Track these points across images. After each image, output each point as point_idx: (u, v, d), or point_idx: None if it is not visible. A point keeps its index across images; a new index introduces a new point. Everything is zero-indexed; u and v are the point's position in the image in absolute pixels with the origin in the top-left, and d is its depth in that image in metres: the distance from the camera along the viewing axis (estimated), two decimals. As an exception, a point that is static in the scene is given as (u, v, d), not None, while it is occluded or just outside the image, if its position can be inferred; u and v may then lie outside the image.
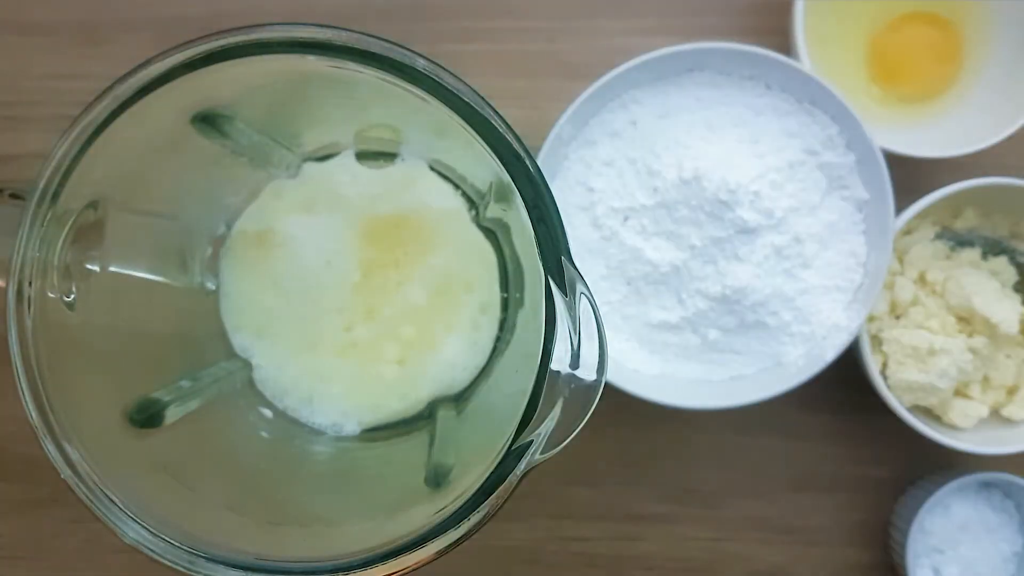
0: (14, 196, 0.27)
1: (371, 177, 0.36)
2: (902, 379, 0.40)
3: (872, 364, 0.40)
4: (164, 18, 0.45)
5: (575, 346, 0.23)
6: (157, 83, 0.25)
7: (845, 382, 0.43)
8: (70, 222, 0.26)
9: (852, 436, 0.44)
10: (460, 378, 0.37)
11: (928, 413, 0.42)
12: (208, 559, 0.25)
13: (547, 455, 0.24)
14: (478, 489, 0.24)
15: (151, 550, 0.25)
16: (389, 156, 0.37)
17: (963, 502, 0.42)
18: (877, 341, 0.41)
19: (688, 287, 0.38)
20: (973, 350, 0.40)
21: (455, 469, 0.31)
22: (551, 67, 0.44)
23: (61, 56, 0.45)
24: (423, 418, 0.37)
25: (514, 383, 0.33)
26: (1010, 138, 0.44)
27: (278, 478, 0.34)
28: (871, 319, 0.41)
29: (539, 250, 0.24)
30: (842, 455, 0.44)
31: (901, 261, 0.42)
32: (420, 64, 0.24)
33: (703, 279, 0.38)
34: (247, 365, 0.36)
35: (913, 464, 0.44)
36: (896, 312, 0.42)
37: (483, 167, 0.29)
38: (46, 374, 0.25)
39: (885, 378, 0.40)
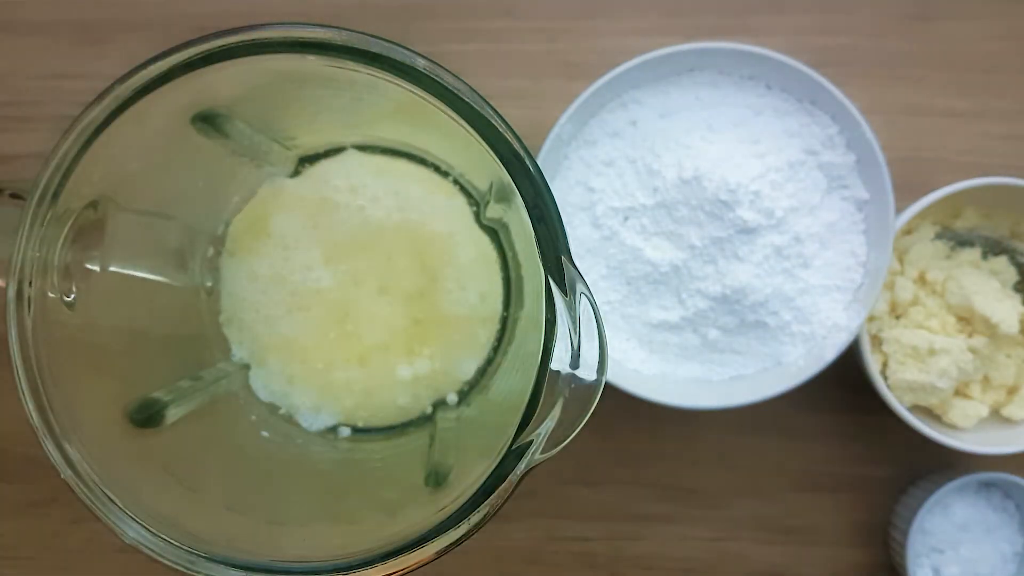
0: (14, 196, 0.27)
1: (373, 178, 0.36)
2: (902, 379, 0.40)
3: (872, 364, 0.40)
4: (164, 18, 0.45)
5: (575, 346, 0.23)
6: (157, 83, 0.25)
7: (845, 382, 0.43)
8: (70, 222, 0.26)
9: (852, 436, 0.44)
10: (460, 378, 0.37)
11: (928, 413, 0.42)
12: (208, 559, 0.25)
13: (547, 455, 0.24)
14: (478, 489, 0.24)
15: (151, 550, 0.25)
16: (391, 154, 0.37)
17: (963, 502, 0.42)
18: (877, 341, 0.41)
19: (688, 287, 0.38)
20: (973, 350, 0.40)
21: (455, 469, 0.31)
22: (551, 67, 0.44)
23: (61, 56, 0.45)
24: (423, 418, 0.37)
25: (514, 383, 0.33)
26: (1010, 138, 0.44)
27: (278, 478, 0.34)
28: (871, 319, 0.41)
29: (539, 250, 0.24)
30: (842, 455, 0.44)
31: (901, 261, 0.42)
32: (420, 64, 0.24)
33: (703, 279, 0.38)
34: (246, 365, 0.36)
35: (913, 464, 0.44)
36: (896, 312, 0.42)
37: (483, 167, 0.29)
38: (46, 374, 0.25)
39: (885, 378, 0.40)
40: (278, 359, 0.35)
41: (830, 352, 0.38)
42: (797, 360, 0.39)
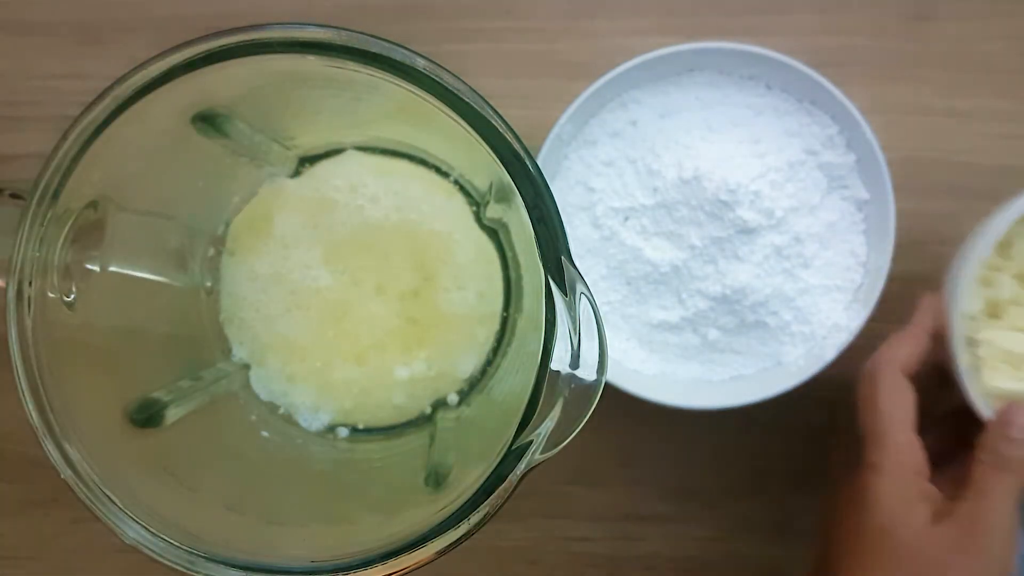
0: (14, 196, 0.27)
1: (373, 178, 0.36)
2: (992, 386, 0.36)
3: (965, 367, 0.35)
4: (164, 18, 0.45)
5: (575, 346, 0.23)
6: (157, 83, 0.25)
7: (845, 382, 0.43)
8: (70, 222, 0.26)
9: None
10: (459, 378, 0.37)
11: None
12: (208, 559, 0.25)
13: (547, 455, 0.24)
14: (478, 489, 0.24)
15: (151, 550, 0.25)
16: (391, 154, 0.37)
17: (963, 502, 0.42)
18: (971, 343, 0.36)
19: (688, 287, 0.38)
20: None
21: (455, 469, 0.31)
22: (551, 67, 0.44)
23: (61, 56, 0.45)
24: (423, 419, 0.37)
25: (514, 383, 0.33)
26: (1010, 138, 0.44)
27: (278, 478, 0.34)
28: (964, 318, 0.36)
29: (539, 250, 0.24)
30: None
31: (1005, 255, 0.37)
32: (420, 64, 0.24)
33: (703, 279, 0.38)
34: (246, 365, 0.36)
35: (913, 464, 0.44)
36: (993, 312, 0.37)
37: (483, 167, 0.29)
38: (46, 374, 0.25)
39: (971, 382, 0.36)
40: (278, 358, 0.35)
41: (830, 352, 0.38)
42: (797, 360, 0.39)
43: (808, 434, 0.44)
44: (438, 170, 0.37)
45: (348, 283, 0.35)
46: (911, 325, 0.37)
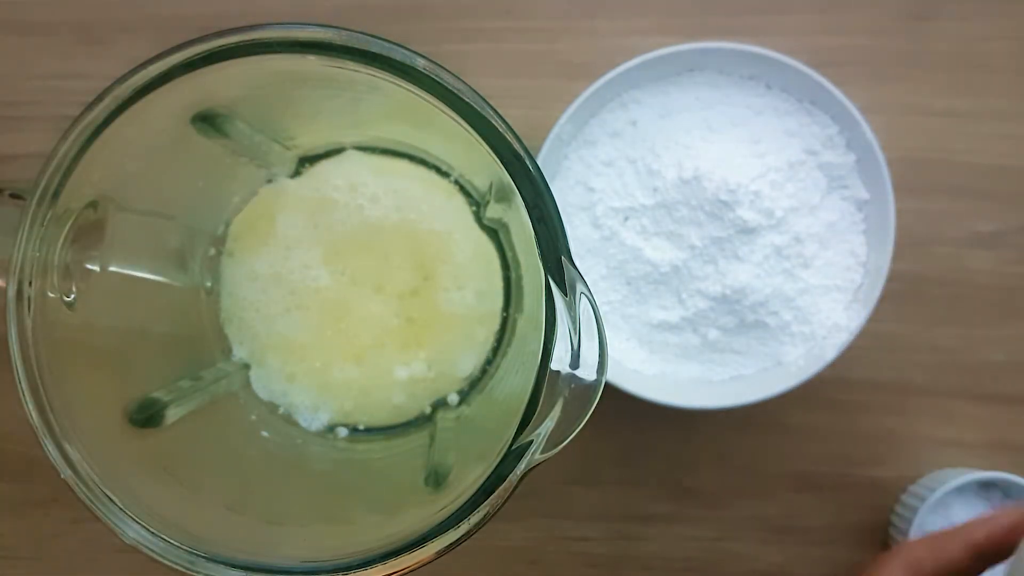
0: (14, 196, 0.27)
1: (373, 178, 0.36)
2: None
3: None
4: (164, 18, 0.45)
5: (575, 346, 0.23)
6: (157, 83, 0.25)
7: (845, 382, 0.43)
8: (70, 222, 0.26)
9: (852, 436, 0.44)
10: (458, 377, 0.37)
11: None
12: (208, 559, 0.25)
13: (547, 455, 0.24)
14: (478, 489, 0.24)
15: (151, 550, 0.25)
16: (391, 154, 0.37)
17: (963, 502, 0.42)
18: None
19: (688, 287, 0.38)
20: None
21: (455, 469, 0.31)
22: (551, 67, 0.44)
23: (61, 56, 0.45)
24: (423, 419, 0.37)
25: (515, 383, 0.33)
26: (1010, 138, 0.44)
27: (278, 478, 0.34)
28: None
29: (539, 250, 0.24)
30: (842, 455, 0.44)
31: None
32: (420, 64, 0.24)
33: (703, 279, 0.38)
34: (246, 365, 0.36)
35: (913, 464, 0.44)
36: None
37: (483, 167, 0.29)
38: (46, 374, 0.25)
39: None
40: (277, 358, 0.35)
41: (830, 352, 0.38)
42: (797, 360, 0.39)
43: (808, 434, 0.45)
44: (438, 170, 0.37)
45: (347, 283, 0.35)
46: (955, 530, 0.32)
